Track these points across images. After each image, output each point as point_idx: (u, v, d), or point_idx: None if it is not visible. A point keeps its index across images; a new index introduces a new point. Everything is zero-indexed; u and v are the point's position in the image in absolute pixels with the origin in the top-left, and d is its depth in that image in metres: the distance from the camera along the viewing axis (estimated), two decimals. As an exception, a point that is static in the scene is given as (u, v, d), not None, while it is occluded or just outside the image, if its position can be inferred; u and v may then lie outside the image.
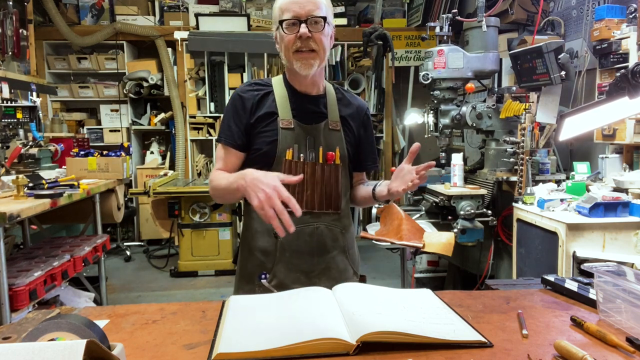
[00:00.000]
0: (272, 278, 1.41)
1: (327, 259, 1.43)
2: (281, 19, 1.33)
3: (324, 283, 1.36)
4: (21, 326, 1.04)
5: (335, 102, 1.48)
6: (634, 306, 0.96)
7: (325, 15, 1.34)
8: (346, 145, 1.45)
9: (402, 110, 5.71)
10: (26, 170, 3.34)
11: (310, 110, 1.43)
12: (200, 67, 5.37)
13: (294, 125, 1.39)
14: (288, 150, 1.37)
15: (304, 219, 1.36)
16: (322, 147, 1.40)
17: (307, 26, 1.31)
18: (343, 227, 1.46)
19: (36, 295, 2.50)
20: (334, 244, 1.44)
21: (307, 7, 1.31)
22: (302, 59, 1.34)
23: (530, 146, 2.79)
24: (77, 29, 5.26)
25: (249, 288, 1.44)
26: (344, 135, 1.45)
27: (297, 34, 1.32)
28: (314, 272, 1.42)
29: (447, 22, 3.30)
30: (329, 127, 1.43)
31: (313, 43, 1.33)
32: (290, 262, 1.41)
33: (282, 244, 1.40)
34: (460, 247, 3.15)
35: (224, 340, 0.93)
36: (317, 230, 1.41)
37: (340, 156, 1.42)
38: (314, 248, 1.41)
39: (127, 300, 3.90)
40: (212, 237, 4.43)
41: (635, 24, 2.47)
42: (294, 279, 1.40)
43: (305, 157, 1.39)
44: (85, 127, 5.52)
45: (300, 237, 1.39)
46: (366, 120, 1.55)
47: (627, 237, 2.13)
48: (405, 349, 0.91)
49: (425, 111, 3.53)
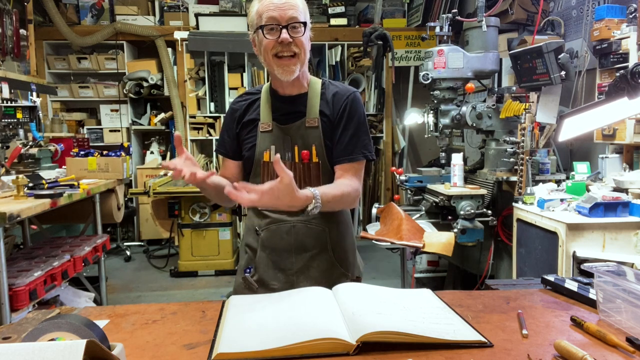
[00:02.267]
0: (254, 273, 1.44)
1: (305, 257, 1.41)
2: (260, 24, 1.33)
3: (303, 282, 1.39)
4: (21, 326, 1.04)
5: (317, 98, 1.44)
6: (634, 306, 0.96)
7: (305, 21, 1.34)
8: (325, 142, 1.41)
9: (402, 110, 5.71)
10: (26, 170, 3.34)
11: (289, 111, 1.43)
12: (200, 67, 5.37)
13: (272, 127, 1.41)
14: (265, 152, 1.40)
15: (281, 217, 1.39)
16: (298, 146, 1.40)
17: (288, 31, 1.31)
18: (326, 225, 1.42)
19: (36, 295, 2.50)
20: (315, 243, 1.42)
21: (287, 13, 1.30)
22: (283, 65, 1.34)
23: (530, 146, 2.79)
24: (77, 29, 5.26)
25: (238, 280, 1.50)
26: (322, 131, 1.41)
27: (277, 39, 1.31)
28: (292, 270, 1.41)
29: (447, 22, 3.30)
30: (305, 125, 1.41)
31: (294, 47, 1.33)
32: (269, 259, 1.43)
33: (262, 241, 1.43)
34: (460, 247, 3.15)
35: (224, 340, 0.93)
36: (294, 229, 1.40)
37: (317, 153, 1.40)
38: (291, 246, 1.41)
39: (127, 300, 3.90)
40: (212, 237, 4.43)
41: (635, 24, 2.47)
42: (272, 276, 1.42)
43: (282, 157, 1.38)
44: (85, 127, 5.51)
45: (276, 234, 1.41)
46: (347, 107, 1.43)
47: (627, 237, 2.13)
48: (405, 349, 0.91)
49: (425, 111, 3.53)
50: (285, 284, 1.40)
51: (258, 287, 1.43)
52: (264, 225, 1.42)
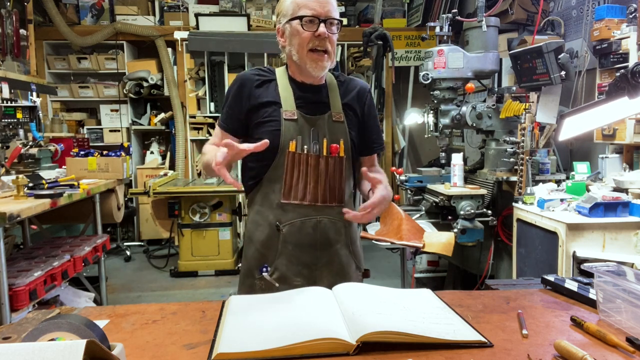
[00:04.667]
0: (274, 271, 1.40)
1: (330, 252, 1.43)
2: (299, 14, 1.33)
3: (326, 276, 1.40)
4: (21, 326, 1.04)
5: (337, 92, 1.46)
6: (634, 306, 0.96)
7: (341, 20, 1.38)
8: (350, 136, 1.43)
9: (402, 110, 5.71)
10: (26, 170, 3.34)
11: (313, 101, 1.42)
12: (200, 67, 5.37)
13: (297, 116, 1.39)
14: (291, 141, 1.37)
15: (307, 211, 1.38)
16: (327, 139, 1.39)
17: (326, 26, 1.33)
18: (347, 220, 1.42)
19: (36, 295, 2.50)
20: (338, 238, 1.44)
21: (326, 7, 1.33)
22: (316, 60, 1.35)
23: (530, 146, 2.79)
24: (77, 29, 5.26)
25: (250, 282, 1.44)
26: (347, 125, 1.43)
27: (314, 32, 1.32)
28: (317, 265, 1.42)
29: (447, 22, 3.30)
30: (332, 118, 1.41)
31: (328, 43, 1.34)
32: (292, 255, 1.40)
33: (285, 237, 1.39)
34: (460, 247, 3.15)
35: (224, 340, 0.93)
36: (320, 224, 1.40)
37: (344, 149, 1.41)
38: (317, 241, 1.40)
39: (127, 300, 3.90)
40: (212, 237, 4.43)
41: (635, 24, 2.47)
42: (296, 272, 1.40)
43: (308, 148, 1.38)
44: (85, 127, 5.52)
45: (303, 230, 1.39)
46: (369, 101, 1.53)
47: (627, 237, 2.13)
48: (405, 349, 0.91)
49: (425, 111, 3.53)
50: (309, 280, 1.39)
51: (279, 285, 1.38)
52: (286, 221, 1.39)
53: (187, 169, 5.39)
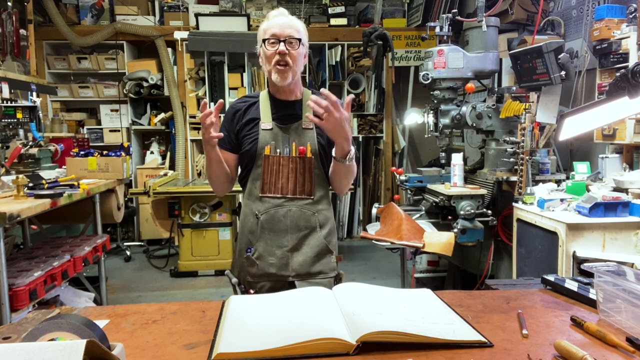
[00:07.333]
0: (255, 252, 1.68)
1: (298, 236, 1.67)
2: (264, 37, 1.63)
3: (296, 256, 1.67)
4: (21, 326, 1.04)
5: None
6: (634, 306, 0.96)
7: (300, 38, 1.63)
8: (318, 141, 1.69)
9: (402, 110, 5.72)
10: (26, 170, 3.34)
11: (287, 114, 1.70)
12: (200, 67, 5.37)
13: (272, 126, 1.68)
14: (266, 146, 1.66)
15: (280, 202, 1.67)
16: (295, 143, 1.67)
17: (285, 45, 1.59)
18: (316, 210, 1.69)
19: (36, 295, 2.50)
20: (306, 224, 1.68)
21: (286, 31, 1.60)
22: (279, 71, 1.62)
23: (530, 146, 2.79)
24: (77, 29, 5.26)
25: (240, 262, 1.73)
26: (316, 132, 1.69)
27: (276, 50, 1.61)
28: (287, 247, 1.66)
29: (447, 22, 3.30)
30: (302, 126, 1.69)
31: (289, 58, 1.61)
32: (268, 238, 1.67)
33: (262, 224, 1.67)
34: (460, 247, 3.15)
35: (224, 340, 0.93)
36: (290, 212, 1.66)
37: (311, 150, 1.66)
38: (287, 227, 1.66)
39: (127, 300, 3.90)
40: (212, 237, 4.43)
41: (635, 24, 2.47)
42: (271, 252, 1.67)
43: (281, 152, 1.67)
44: (85, 127, 5.51)
45: (275, 217, 1.66)
46: None
47: (627, 237, 2.13)
48: (405, 349, 0.91)
49: (425, 111, 3.53)
50: (281, 259, 1.66)
51: (258, 262, 1.67)
52: (263, 210, 1.66)
53: (187, 169, 5.39)
